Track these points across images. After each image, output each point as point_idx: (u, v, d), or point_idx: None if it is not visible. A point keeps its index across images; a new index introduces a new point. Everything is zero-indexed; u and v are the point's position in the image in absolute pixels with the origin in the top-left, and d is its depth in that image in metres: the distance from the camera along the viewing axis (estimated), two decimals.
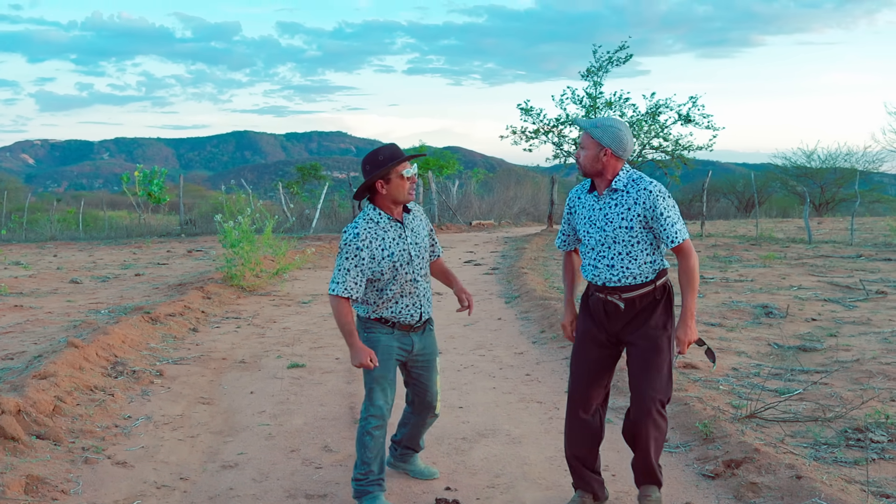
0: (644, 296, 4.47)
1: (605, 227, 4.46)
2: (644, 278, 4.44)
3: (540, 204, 38.41)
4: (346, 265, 4.58)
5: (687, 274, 4.40)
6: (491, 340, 9.69)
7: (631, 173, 4.48)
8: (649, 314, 4.46)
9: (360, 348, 4.59)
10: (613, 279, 4.46)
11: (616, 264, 4.45)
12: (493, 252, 21.04)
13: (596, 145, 4.43)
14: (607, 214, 4.46)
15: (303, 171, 54.68)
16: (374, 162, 4.63)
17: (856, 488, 4.79)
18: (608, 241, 4.46)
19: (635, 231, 4.39)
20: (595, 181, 4.55)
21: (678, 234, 4.35)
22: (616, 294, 4.49)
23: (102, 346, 8.21)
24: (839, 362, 7.88)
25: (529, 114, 29.16)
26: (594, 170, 4.47)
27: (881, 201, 41.80)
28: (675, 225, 4.36)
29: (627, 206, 4.40)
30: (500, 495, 5.02)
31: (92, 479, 5.24)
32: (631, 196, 4.41)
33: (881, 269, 15.22)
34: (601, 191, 4.51)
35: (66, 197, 58.90)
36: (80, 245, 24.44)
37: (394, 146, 4.71)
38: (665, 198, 4.38)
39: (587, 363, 4.64)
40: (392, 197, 4.67)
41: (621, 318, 4.51)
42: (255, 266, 14.01)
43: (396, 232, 4.70)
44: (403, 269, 4.68)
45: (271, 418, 6.66)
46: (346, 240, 4.60)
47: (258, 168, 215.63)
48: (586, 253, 4.61)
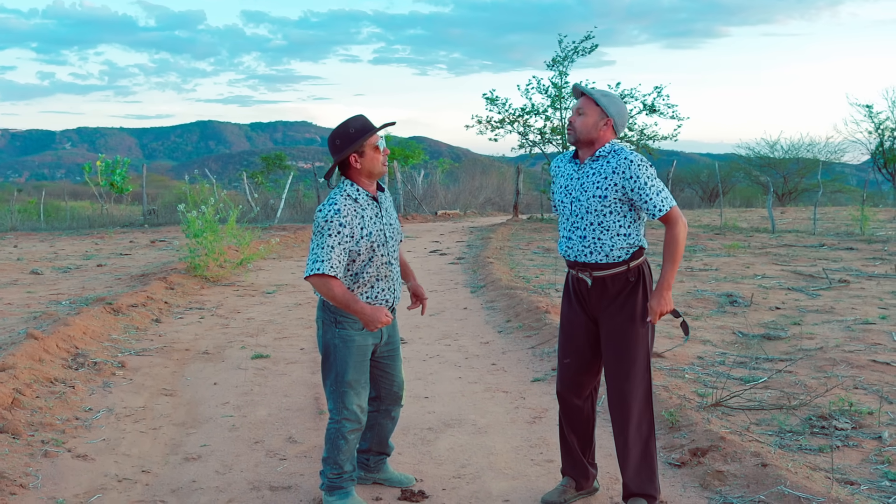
0: (615, 277, 4.37)
1: (580, 197, 4.37)
2: (616, 257, 4.33)
3: (506, 194, 38.46)
4: (330, 242, 4.30)
5: (670, 244, 4.26)
6: (456, 330, 9.67)
7: (613, 144, 4.39)
8: (623, 301, 4.36)
9: (370, 311, 4.35)
10: (585, 251, 4.37)
11: (588, 235, 4.35)
12: (459, 242, 21.02)
13: (599, 112, 4.34)
14: (584, 183, 4.37)
15: (267, 161, 54.33)
16: (346, 136, 4.42)
17: (821, 475, 4.81)
18: (581, 211, 4.37)
19: (608, 200, 4.28)
20: (580, 150, 4.45)
21: (665, 203, 4.23)
22: (586, 271, 4.42)
23: (63, 338, 8.09)
24: (803, 350, 7.92)
25: (495, 103, 29.16)
26: (588, 137, 4.36)
27: (843, 191, 42.24)
28: (660, 194, 4.24)
29: (605, 175, 4.30)
30: (467, 485, 4.98)
31: (52, 472, 5.15)
32: (610, 165, 4.31)
33: (843, 258, 15.36)
34: (583, 159, 4.43)
35: (28, 187, 58.16)
36: (41, 236, 24.14)
37: (362, 117, 4.50)
38: (647, 167, 4.27)
39: (573, 349, 4.57)
40: (367, 170, 4.47)
41: (595, 298, 4.43)
42: (218, 256, 13.89)
43: (374, 210, 4.50)
44: (380, 251, 4.49)
45: (235, 409, 6.59)
46: (326, 217, 4.33)
47: (222, 158, 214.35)
48: (562, 223, 4.52)
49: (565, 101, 28.11)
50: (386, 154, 4.54)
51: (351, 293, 4.36)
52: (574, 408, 4.64)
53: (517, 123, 29.37)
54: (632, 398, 4.36)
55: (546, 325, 8.98)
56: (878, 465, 5.08)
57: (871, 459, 5.19)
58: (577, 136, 4.39)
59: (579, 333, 4.54)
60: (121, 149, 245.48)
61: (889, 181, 40.54)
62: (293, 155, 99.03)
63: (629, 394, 4.36)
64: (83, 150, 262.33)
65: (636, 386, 4.37)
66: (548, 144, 29.43)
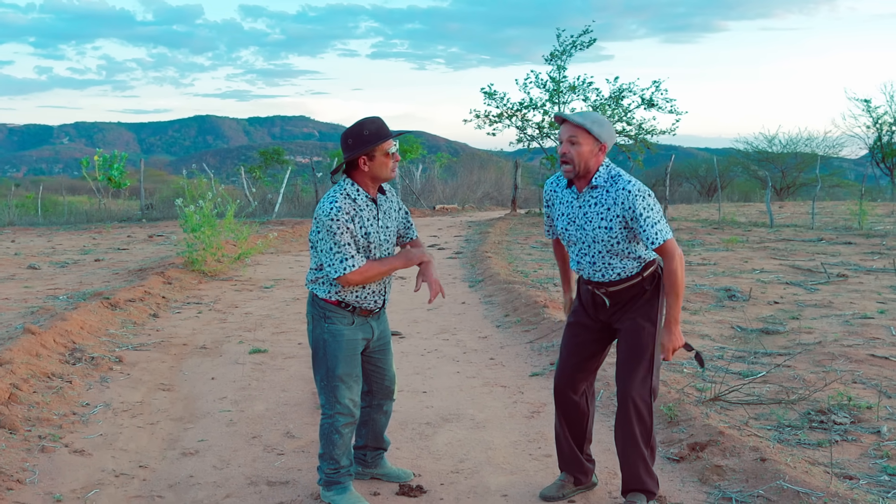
0: (631, 287, 4.39)
1: (585, 227, 4.35)
2: (630, 272, 4.36)
3: (504, 188, 38.46)
4: (345, 239, 4.31)
5: (670, 278, 4.23)
6: (455, 325, 9.65)
7: (609, 169, 4.32)
8: (638, 304, 4.39)
9: (408, 258, 4.52)
10: (597, 274, 4.39)
11: (598, 262, 4.36)
12: (457, 236, 21.01)
13: (593, 142, 4.26)
14: (587, 213, 4.34)
15: (265, 156, 54.29)
16: (359, 137, 4.37)
17: (819, 470, 4.80)
18: (588, 240, 4.35)
19: (615, 231, 4.27)
20: (576, 180, 4.37)
21: (658, 236, 4.18)
22: (602, 289, 4.42)
23: (60, 333, 8.07)
24: (802, 345, 7.92)
25: (493, 98, 29.09)
26: (586, 168, 4.28)
27: (841, 186, 42.28)
28: (655, 226, 4.18)
29: (607, 206, 4.26)
30: (465, 480, 4.97)
31: (49, 467, 5.13)
32: (610, 195, 4.26)
33: (842, 253, 15.35)
34: (581, 187, 4.36)
35: (25, 182, 58.10)
36: (38, 230, 24.10)
37: (379, 121, 4.45)
38: (644, 197, 4.20)
39: (576, 347, 4.57)
40: (373, 174, 4.44)
41: (612, 309, 4.45)
42: (216, 251, 13.87)
43: (371, 212, 4.48)
44: (374, 252, 4.47)
45: (233, 404, 6.57)
46: (330, 216, 4.30)
47: (220, 153, 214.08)
48: (569, 248, 4.53)
49: (563, 96, 28.07)
50: (397, 160, 4.50)
51: (383, 259, 4.48)
52: (570, 403, 4.63)
53: (515, 118, 29.31)
54: (636, 394, 4.35)
55: (544, 319, 8.97)
56: (876, 460, 5.07)
57: (870, 454, 5.18)
58: (577, 169, 4.30)
59: (586, 334, 4.55)
60: (118, 143, 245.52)
61: (887, 176, 40.60)
62: (291, 149, 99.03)
63: (635, 391, 4.35)
64: (81, 145, 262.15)
65: (641, 382, 4.36)
66: (546, 139, 29.40)
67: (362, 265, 4.35)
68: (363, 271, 4.35)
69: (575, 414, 4.65)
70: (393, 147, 4.45)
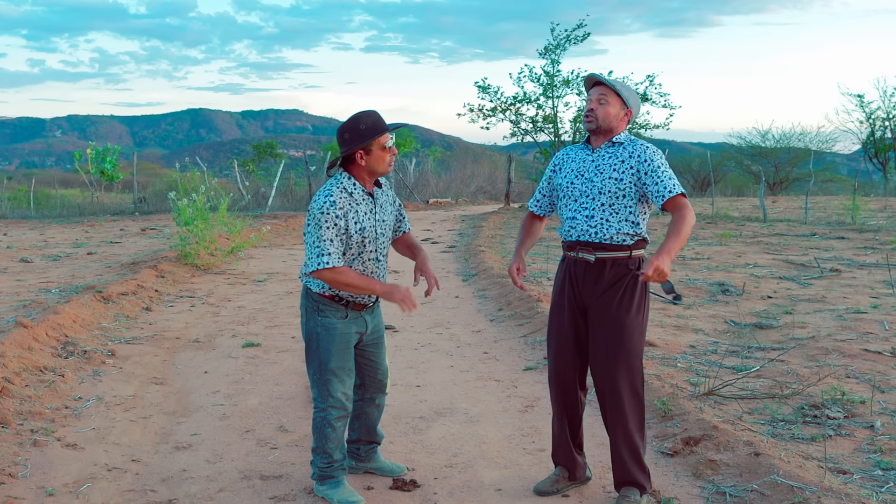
0: (616, 262, 4.34)
1: (594, 178, 4.37)
2: (620, 240, 4.32)
3: (497, 182, 38.46)
4: (329, 235, 4.28)
5: (678, 221, 4.14)
6: (448, 318, 9.64)
7: (629, 135, 4.47)
8: (620, 291, 4.32)
9: (391, 289, 4.36)
10: (589, 232, 4.35)
11: (596, 216, 4.34)
12: (451, 230, 21.00)
13: (621, 104, 4.39)
14: (599, 166, 4.38)
15: (259, 150, 54.19)
16: (355, 131, 4.35)
17: (813, 465, 4.80)
18: (593, 192, 4.35)
19: (624, 184, 4.29)
20: (595, 138, 4.47)
21: (675, 187, 4.23)
22: (588, 249, 4.37)
23: (52, 326, 8.04)
24: (795, 339, 7.92)
25: (487, 91, 29.11)
26: (609, 126, 4.39)
27: (834, 181, 42.32)
28: (672, 178, 4.26)
29: (622, 159, 4.34)
30: (459, 474, 4.96)
31: (41, 461, 5.11)
32: (627, 150, 4.36)
33: (835, 248, 15.38)
34: (597, 145, 4.45)
35: (18, 175, 57.89)
36: (31, 223, 24.03)
37: (375, 114, 4.43)
38: (661, 156, 4.34)
39: (562, 335, 4.54)
40: (370, 168, 4.42)
41: (590, 283, 4.37)
42: (209, 244, 13.84)
43: (368, 206, 4.46)
44: (370, 246, 4.45)
45: (226, 398, 6.56)
46: (322, 209, 4.29)
47: (213, 146, 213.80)
48: (567, 206, 4.48)
49: (557, 90, 28.09)
50: (393, 154, 4.47)
51: (364, 276, 4.39)
52: (566, 394, 4.60)
53: (509, 112, 29.34)
54: (622, 388, 4.33)
55: (538, 313, 8.96)
56: (870, 455, 5.08)
57: (864, 448, 5.19)
58: (599, 123, 4.39)
59: (569, 322, 4.51)
60: (111, 136, 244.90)
61: (880, 171, 40.67)
62: (284, 143, 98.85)
63: (619, 384, 4.33)
64: (73, 138, 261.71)
65: (627, 376, 4.33)
66: (539, 133, 29.41)
67: (339, 266, 4.29)
68: (338, 273, 4.29)
69: (571, 406, 4.63)
70: (390, 141, 4.43)
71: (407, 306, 4.35)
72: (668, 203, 4.23)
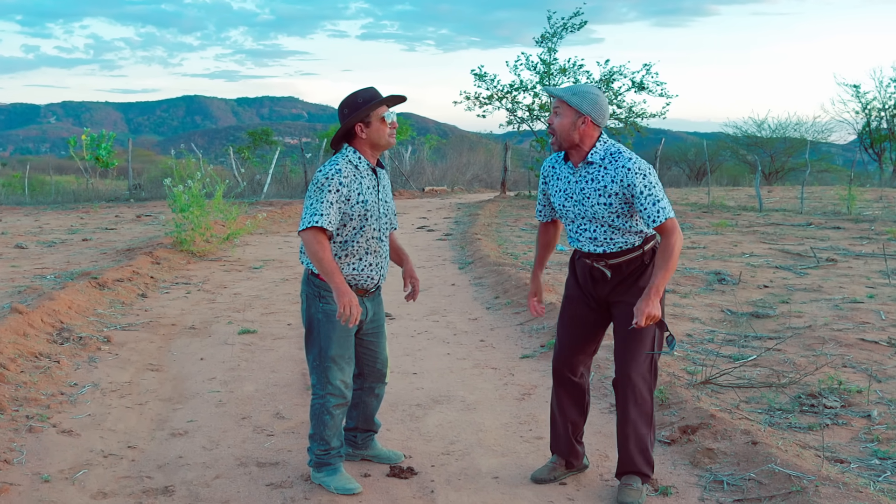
0: (631, 261, 4.33)
1: (584, 202, 4.29)
2: (631, 244, 4.30)
3: (493, 170, 38.42)
4: (330, 198, 4.26)
5: (665, 252, 4.14)
6: (445, 306, 9.63)
7: (608, 146, 4.27)
8: (637, 279, 4.32)
9: (346, 292, 4.20)
10: (596, 250, 4.33)
11: (599, 237, 4.31)
12: (447, 218, 20.98)
13: (573, 113, 4.21)
14: (584, 189, 4.28)
15: (254, 137, 54.10)
16: (353, 105, 4.39)
17: (810, 453, 4.80)
18: (587, 216, 4.29)
19: (615, 207, 4.21)
20: (569, 152, 4.34)
21: (660, 214, 4.11)
22: (602, 261, 4.35)
23: (48, 312, 8.02)
24: (792, 329, 7.92)
25: (483, 79, 29.04)
26: (570, 140, 4.24)
27: (830, 171, 42.36)
28: (657, 203, 4.12)
29: (604, 184, 4.21)
30: (456, 462, 4.96)
31: (36, 447, 5.10)
32: (608, 173, 4.21)
33: (831, 237, 15.38)
34: (576, 163, 4.32)
35: (12, 161, 57.80)
36: (25, 210, 23.97)
37: (372, 89, 4.45)
38: (645, 175, 4.15)
39: (574, 327, 4.52)
40: (372, 141, 4.42)
41: (608, 282, 4.38)
42: (205, 231, 13.81)
43: (372, 181, 4.46)
44: (372, 223, 4.44)
45: (222, 385, 6.54)
46: (326, 174, 4.29)
47: (209, 133, 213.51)
48: (567, 224, 4.46)
49: (554, 78, 28.01)
50: (394, 127, 4.47)
51: (336, 265, 4.29)
52: (569, 384, 4.60)
53: (505, 100, 29.28)
54: (637, 377, 4.32)
55: None
56: (867, 444, 5.08)
57: (861, 437, 5.19)
58: (559, 140, 4.28)
59: (583, 314, 4.49)
60: (106, 123, 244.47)
61: (875, 161, 40.71)
62: (280, 130, 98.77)
63: (635, 372, 4.31)
64: (68, 125, 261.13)
65: (642, 365, 4.32)
66: (536, 121, 29.35)
67: (326, 231, 4.26)
68: (319, 239, 4.24)
69: (573, 396, 4.62)
70: (389, 114, 4.44)
71: (345, 316, 4.21)
72: (657, 228, 4.19)
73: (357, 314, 4.22)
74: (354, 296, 4.25)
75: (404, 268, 4.87)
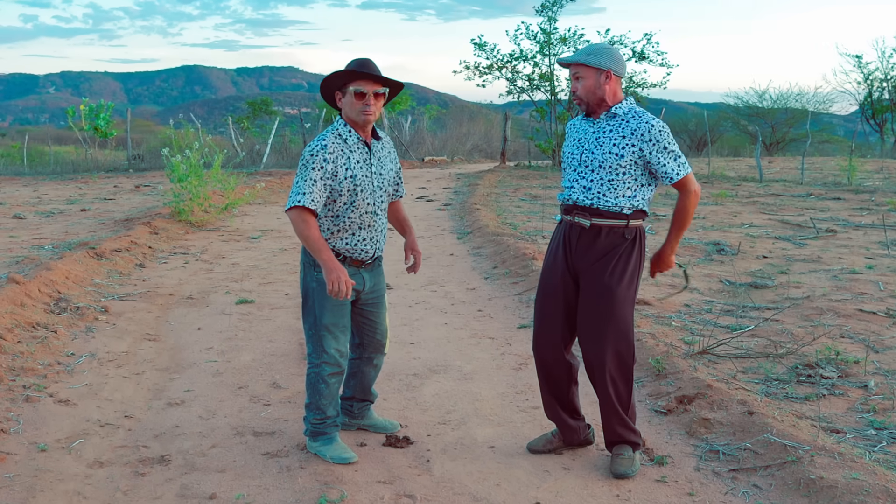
0: (612, 230, 4.25)
1: (594, 150, 4.26)
2: (619, 208, 4.23)
3: (493, 141, 38.33)
4: (313, 176, 4.23)
5: (681, 213, 4.28)
6: (443, 276, 9.62)
7: (633, 106, 4.30)
8: (613, 259, 4.24)
9: (334, 268, 4.20)
10: (585, 200, 4.26)
11: (593, 188, 4.25)
12: (446, 188, 20.94)
13: (595, 72, 4.23)
14: (599, 138, 4.27)
15: (253, 107, 53.88)
16: (336, 73, 4.34)
17: (807, 424, 4.80)
18: (593, 164, 4.26)
19: (625, 160, 4.19)
20: (595, 111, 4.32)
21: (681, 168, 4.18)
22: (584, 214, 4.28)
23: (45, 282, 8.01)
24: (790, 299, 7.91)
25: (483, 49, 28.92)
26: (595, 99, 4.26)
27: (831, 142, 42.24)
28: (678, 159, 4.18)
29: (623, 135, 4.20)
30: (452, 432, 4.96)
31: (33, 417, 5.10)
32: (630, 126, 4.21)
33: (831, 208, 15.35)
34: (598, 115, 4.32)
35: (11, 132, 57.66)
36: (24, 180, 23.91)
37: (364, 61, 4.35)
38: (668, 132, 4.21)
39: (553, 298, 4.43)
40: (346, 112, 4.38)
41: (583, 249, 4.29)
42: (203, 201, 13.80)
43: (362, 155, 4.41)
44: (363, 197, 4.39)
45: (219, 355, 6.54)
46: (312, 151, 4.27)
47: (208, 103, 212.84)
48: (567, 175, 4.41)
49: (554, 48, 27.89)
50: (366, 104, 4.33)
51: (324, 241, 4.28)
52: (551, 365, 4.51)
53: (505, 70, 29.17)
54: (608, 358, 4.28)
55: (533, 271, 8.95)
56: (863, 414, 5.08)
57: (857, 408, 5.19)
58: (586, 102, 4.30)
59: (559, 289, 4.41)
60: (105, 93, 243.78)
61: (876, 132, 40.59)
62: (279, 100, 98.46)
63: (606, 354, 4.27)
64: (67, 95, 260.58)
65: (614, 346, 4.28)
66: (536, 91, 29.25)
67: (311, 210, 4.23)
68: (305, 218, 4.23)
69: (556, 376, 4.53)
70: (363, 87, 4.32)
71: (334, 292, 4.21)
72: (676, 185, 4.23)
73: (346, 289, 4.21)
74: (344, 270, 4.23)
75: (407, 239, 4.83)
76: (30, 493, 4.12)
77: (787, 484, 4.13)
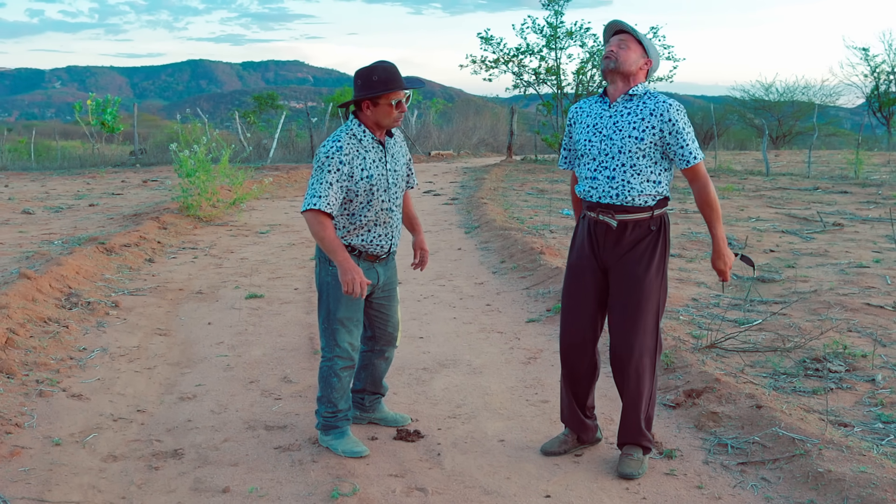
0: (638, 223, 4.22)
1: (613, 136, 4.22)
2: (643, 201, 4.20)
3: (499, 134, 38.28)
4: (329, 179, 4.25)
5: (708, 203, 4.25)
6: (451, 270, 9.65)
7: (648, 88, 4.27)
8: (642, 250, 4.22)
9: (349, 268, 4.24)
10: (611, 194, 4.22)
11: (617, 177, 4.21)
12: (453, 182, 20.95)
13: (641, 51, 4.23)
14: (617, 122, 4.22)
15: (259, 101, 53.86)
16: (368, 82, 4.32)
17: (815, 417, 4.83)
18: (613, 151, 4.21)
19: (645, 143, 4.15)
20: (612, 86, 4.28)
21: (697, 153, 4.17)
22: (609, 213, 4.25)
23: (56, 278, 8.05)
24: (797, 293, 7.93)
25: (489, 43, 28.89)
26: (627, 70, 4.20)
27: (837, 135, 42.11)
28: (693, 143, 4.17)
29: (642, 116, 4.17)
30: (462, 425, 5.00)
31: (47, 411, 5.15)
32: (648, 107, 4.18)
33: (837, 202, 15.35)
34: (614, 98, 4.27)
35: (18, 126, 57.61)
36: (32, 175, 23.95)
37: (391, 69, 4.36)
38: (684, 113, 4.20)
39: (580, 294, 4.40)
40: (376, 120, 4.40)
41: (610, 244, 4.27)
42: (211, 196, 13.83)
43: (377, 154, 4.44)
44: (379, 196, 4.43)
45: (229, 349, 6.58)
46: (327, 153, 4.29)
47: (214, 97, 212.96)
48: (586, 164, 4.34)
49: (560, 42, 27.86)
50: (402, 111, 4.41)
51: (339, 241, 4.31)
52: (578, 360, 4.48)
53: (511, 63, 29.14)
54: (637, 350, 4.25)
55: (540, 266, 8.97)
56: (871, 408, 5.10)
57: (865, 402, 5.22)
58: (618, 66, 4.21)
59: (589, 284, 4.37)
60: (111, 88, 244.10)
61: (883, 125, 40.47)
62: (286, 94, 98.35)
63: (634, 345, 4.25)
64: (73, 90, 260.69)
65: (642, 338, 4.25)
66: (542, 85, 29.24)
67: (325, 211, 4.25)
68: (320, 220, 4.26)
69: (581, 372, 4.50)
70: (399, 98, 4.37)
71: (349, 291, 4.26)
72: (688, 170, 4.21)
73: (362, 289, 4.26)
74: (359, 270, 4.28)
75: (415, 238, 4.91)
76: (45, 487, 4.16)
77: (795, 477, 4.16)
